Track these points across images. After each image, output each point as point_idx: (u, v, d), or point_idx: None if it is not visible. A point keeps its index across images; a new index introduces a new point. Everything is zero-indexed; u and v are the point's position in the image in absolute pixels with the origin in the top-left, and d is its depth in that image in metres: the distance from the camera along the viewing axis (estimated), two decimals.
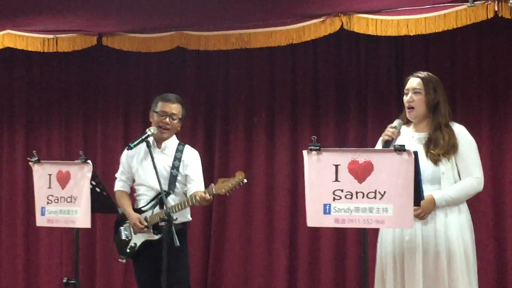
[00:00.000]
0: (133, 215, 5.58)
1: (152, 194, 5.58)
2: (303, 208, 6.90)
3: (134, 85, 7.69)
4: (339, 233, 6.94)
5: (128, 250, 5.62)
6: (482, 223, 6.38)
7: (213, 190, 5.30)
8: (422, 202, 4.49)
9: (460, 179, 4.76)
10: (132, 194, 5.85)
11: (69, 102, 7.88)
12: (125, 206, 5.67)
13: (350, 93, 7.05)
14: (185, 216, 5.62)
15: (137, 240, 5.59)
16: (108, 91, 7.77)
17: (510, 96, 6.55)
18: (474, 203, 5.95)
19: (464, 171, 4.75)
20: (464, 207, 4.82)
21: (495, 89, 6.60)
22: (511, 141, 6.52)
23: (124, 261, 5.73)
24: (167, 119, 5.60)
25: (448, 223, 4.67)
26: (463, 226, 4.74)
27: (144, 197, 5.63)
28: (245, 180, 5.35)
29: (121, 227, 5.68)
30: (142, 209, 5.62)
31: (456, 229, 4.68)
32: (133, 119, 7.67)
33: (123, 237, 5.66)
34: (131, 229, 5.62)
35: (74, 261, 5.10)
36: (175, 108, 5.64)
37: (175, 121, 5.63)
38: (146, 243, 5.56)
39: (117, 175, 5.88)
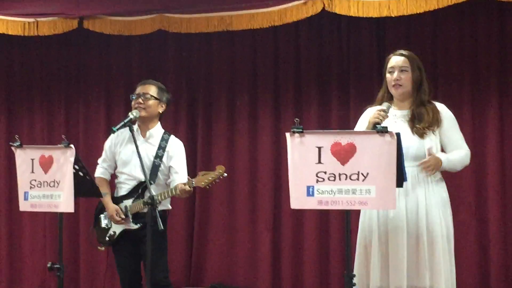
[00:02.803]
0: (111, 206, 5.57)
1: (133, 183, 5.56)
2: (286, 191, 6.94)
3: (116, 69, 7.66)
4: (322, 214, 6.97)
5: (107, 238, 5.60)
6: (465, 203, 6.43)
7: (193, 183, 5.31)
8: (430, 158, 4.64)
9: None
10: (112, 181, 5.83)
11: (50, 86, 7.84)
12: (105, 196, 5.62)
13: (332, 75, 7.07)
14: (165, 205, 5.59)
15: (117, 228, 5.57)
16: (90, 75, 7.73)
17: (490, 76, 6.60)
18: (456, 181, 6.03)
19: (450, 146, 4.82)
20: (443, 185, 4.86)
21: (475, 69, 6.65)
22: (492, 121, 6.58)
23: (103, 249, 5.70)
24: (139, 99, 5.58)
25: (429, 201, 4.71)
26: (445, 205, 4.80)
27: (125, 186, 5.60)
28: (225, 174, 5.36)
29: (101, 215, 5.65)
30: (123, 198, 5.60)
31: (437, 207, 4.72)
32: (115, 102, 7.65)
33: (103, 225, 5.63)
34: None
35: (58, 245, 5.07)
36: (147, 88, 5.63)
37: (150, 101, 5.58)
38: (125, 232, 5.55)
39: (99, 161, 5.83)
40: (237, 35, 7.13)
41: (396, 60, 4.90)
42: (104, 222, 5.62)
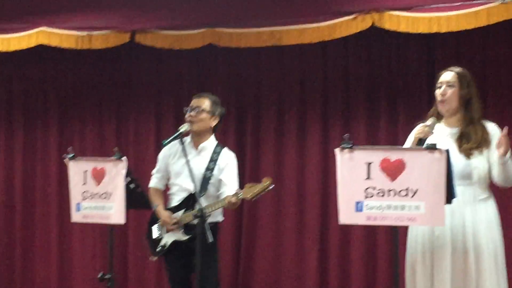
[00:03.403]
0: (163, 213, 5.66)
1: (184, 194, 5.64)
2: (333, 206, 6.99)
3: (166, 82, 7.74)
4: (369, 231, 6.97)
5: (158, 249, 5.68)
6: (508, 218, 6.37)
7: (240, 195, 5.36)
8: (504, 137, 4.58)
9: (491, 174, 4.76)
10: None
11: (102, 99, 7.96)
12: (158, 205, 5.74)
13: (380, 90, 7.07)
14: (216, 217, 5.67)
15: (168, 239, 5.65)
16: (140, 88, 7.83)
17: None
18: (503, 199, 5.98)
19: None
20: (492, 203, 4.82)
21: None
22: None
23: (155, 259, 5.79)
24: (192, 112, 5.66)
25: (476, 219, 4.68)
26: (492, 222, 4.74)
27: (176, 197, 5.70)
28: (272, 186, 5.42)
29: (153, 226, 5.75)
30: (174, 209, 5.68)
31: (484, 226, 4.69)
32: (164, 116, 7.73)
33: (155, 236, 5.72)
34: (162, 228, 5.68)
35: (109, 256, 5.16)
36: (199, 101, 5.73)
37: (202, 115, 5.67)
38: (176, 243, 5.62)
39: (153, 171, 5.94)
40: (286, 49, 7.15)
41: (444, 75, 4.92)
42: (156, 233, 5.70)
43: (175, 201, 5.70)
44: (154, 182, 5.89)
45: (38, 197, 8.09)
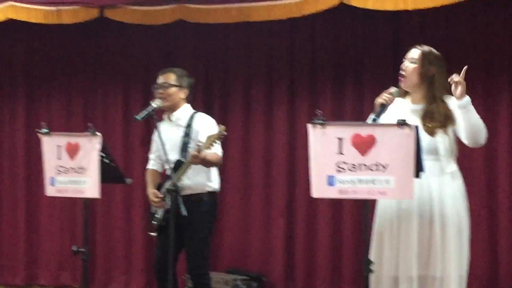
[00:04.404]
0: (149, 191, 5.74)
1: (172, 166, 5.66)
2: (300, 180, 7.18)
3: (134, 57, 7.81)
4: (335, 202, 7.13)
5: (154, 222, 5.74)
6: (475, 192, 6.54)
7: (201, 146, 5.43)
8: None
9: (455, 151, 4.87)
10: None
11: (70, 74, 7.98)
12: (147, 184, 5.81)
13: (347, 67, 7.22)
14: (204, 184, 5.70)
15: (160, 211, 5.71)
16: (108, 64, 7.88)
17: (503, 69, 6.73)
18: (467, 172, 6.15)
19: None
20: (458, 177, 4.92)
21: (488, 62, 6.78)
22: (504, 113, 6.72)
23: (154, 234, 5.80)
24: (160, 90, 5.73)
25: (442, 192, 4.77)
26: (457, 194, 4.83)
27: (168, 171, 5.73)
28: (225, 133, 5.50)
29: None
30: (165, 181, 5.75)
31: (450, 198, 4.77)
32: (132, 91, 7.80)
33: (152, 210, 5.79)
34: None
35: (83, 230, 5.23)
36: (165, 77, 5.78)
37: (170, 90, 5.73)
38: (167, 213, 5.59)
39: (149, 154, 6.01)
40: (254, 26, 7.21)
41: (411, 52, 4.95)
42: (152, 208, 5.78)
43: (168, 174, 5.77)
44: (151, 164, 5.95)
45: (6, 171, 8.10)
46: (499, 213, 6.72)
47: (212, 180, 5.77)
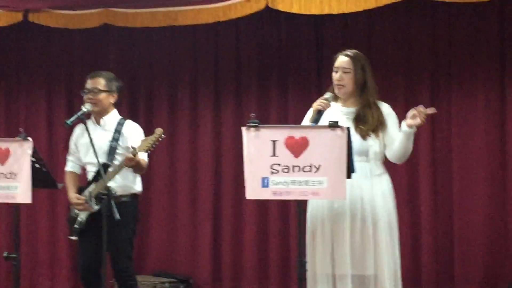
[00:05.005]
0: (71, 195, 5.72)
1: (95, 169, 5.68)
2: (226, 181, 7.26)
3: (57, 62, 7.75)
4: (261, 203, 7.21)
5: (76, 226, 5.72)
6: (398, 193, 6.69)
7: (136, 149, 5.44)
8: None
9: (386, 154, 5.01)
10: None
11: None
12: (68, 188, 5.79)
13: (271, 70, 7.32)
14: (130, 187, 5.75)
15: (83, 215, 5.70)
16: (31, 68, 7.79)
17: (423, 73, 6.93)
18: (391, 174, 6.32)
19: (393, 143, 4.96)
20: (387, 178, 5.06)
21: (408, 67, 6.97)
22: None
23: (74, 238, 5.80)
24: (89, 95, 5.73)
25: (373, 192, 4.90)
26: (386, 195, 4.97)
27: (90, 174, 5.75)
28: (163, 136, 5.53)
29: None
30: (88, 184, 5.74)
31: (380, 198, 4.91)
32: (56, 95, 7.74)
33: (73, 214, 5.76)
34: None
35: (14, 235, 5.19)
36: (94, 82, 5.77)
37: (100, 95, 5.74)
38: (93, 217, 5.64)
39: (67, 156, 5.98)
40: (178, 29, 7.26)
41: (340, 60, 5.01)
42: (74, 211, 5.75)
43: (89, 178, 5.76)
44: (69, 165, 5.94)
45: None
46: (421, 211, 6.90)
47: (136, 183, 5.82)
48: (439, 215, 6.89)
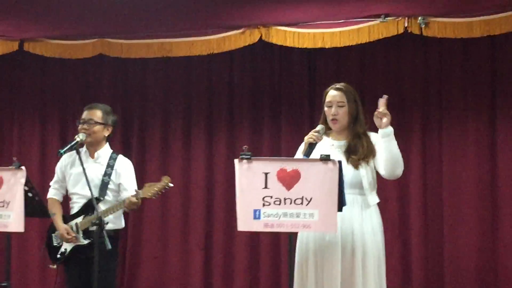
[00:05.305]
0: (61, 226, 5.72)
1: (83, 201, 5.72)
2: (218, 213, 7.27)
3: (51, 91, 7.80)
4: (253, 234, 7.22)
5: (59, 256, 5.74)
6: (389, 224, 6.74)
7: (140, 194, 5.51)
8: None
9: (379, 171, 5.04)
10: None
11: None
12: (55, 215, 5.78)
13: (264, 103, 7.38)
14: (117, 223, 5.79)
15: (68, 246, 5.72)
16: (25, 97, 7.84)
17: (414, 104, 6.99)
18: (382, 206, 6.36)
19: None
20: (377, 210, 5.09)
21: (400, 98, 7.02)
22: (417, 144, 6.97)
23: (55, 267, 5.82)
24: (84, 125, 5.76)
25: (363, 225, 4.94)
26: (376, 228, 5.01)
27: (77, 205, 5.77)
28: (171, 184, 5.59)
29: (53, 234, 5.80)
30: (74, 216, 5.76)
31: (370, 231, 4.95)
32: (49, 125, 7.79)
33: (55, 243, 5.78)
34: None
35: (6, 263, 5.20)
36: (91, 113, 5.80)
37: (95, 127, 5.77)
38: (76, 248, 5.70)
39: (51, 183, 5.99)
40: (172, 60, 7.32)
41: (333, 94, 5.06)
42: (56, 241, 5.76)
43: (75, 208, 5.78)
44: (53, 193, 5.96)
45: None
46: (412, 244, 6.93)
47: (122, 219, 5.88)
48: (429, 250, 6.91)
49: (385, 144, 4.89)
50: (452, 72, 6.90)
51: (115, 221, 5.72)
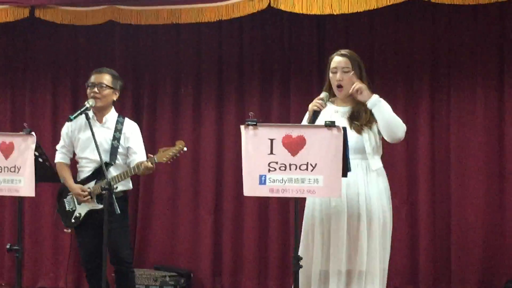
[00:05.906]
0: (75, 186, 5.78)
1: (92, 166, 5.78)
2: (227, 178, 7.33)
3: (63, 57, 7.85)
4: (262, 200, 7.31)
5: (73, 220, 5.81)
6: (397, 189, 6.78)
7: (155, 159, 5.60)
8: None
9: (381, 149, 5.10)
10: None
11: None
12: (66, 178, 5.85)
13: (273, 69, 7.41)
14: (125, 185, 5.85)
15: (82, 210, 5.80)
16: (37, 63, 7.89)
17: (423, 72, 7.02)
18: (390, 171, 6.41)
19: None
20: (383, 175, 5.13)
21: (409, 65, 7.06)
22: (424, 113, 7.01)
23: (69, 231, 5.92)
24: (95, 89, 5.79)
25: (368, 188, 4.98)
26: (382, 191, 5.04)
27: (86, 169, 5.83)
28: (185, 149, 5.67)
29: (65, 199, 5.88)
30: (85, 181, 5.82)
31: (375, 195, 4.99)
32: (61, 90, 7.84)
33: (68, 208, 5.86)
34: (75, 200, 5.83)
35: (18, 227, 5.29)
36: (102, 77, 5.83)
37: (105, 91, 5.80)
38: (90, 212, 5.78)
39: (57, 147, 6.03)
40: (182, 27, 7.37)
41: (338, 60, 5.07)
42: (68, 206, 5.84)
43: (84, 173, 5.84)
44: (60, 156, 6.00)
45: None
46: (419, 209, 6.99)
47: (129, 180, 5.92)
48: (437, 214, 6.99)
49: (376, 113, 4.95)
50: (460, 39, 6.93)
51: (123, 183, 5.78)
